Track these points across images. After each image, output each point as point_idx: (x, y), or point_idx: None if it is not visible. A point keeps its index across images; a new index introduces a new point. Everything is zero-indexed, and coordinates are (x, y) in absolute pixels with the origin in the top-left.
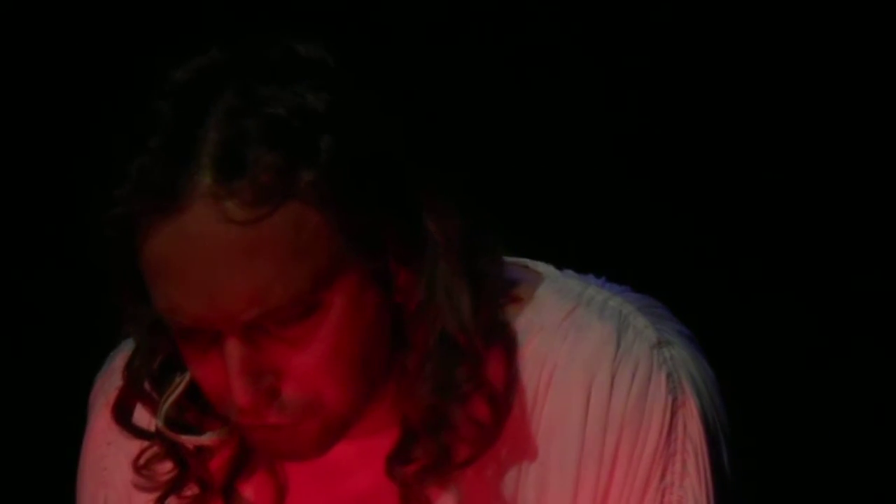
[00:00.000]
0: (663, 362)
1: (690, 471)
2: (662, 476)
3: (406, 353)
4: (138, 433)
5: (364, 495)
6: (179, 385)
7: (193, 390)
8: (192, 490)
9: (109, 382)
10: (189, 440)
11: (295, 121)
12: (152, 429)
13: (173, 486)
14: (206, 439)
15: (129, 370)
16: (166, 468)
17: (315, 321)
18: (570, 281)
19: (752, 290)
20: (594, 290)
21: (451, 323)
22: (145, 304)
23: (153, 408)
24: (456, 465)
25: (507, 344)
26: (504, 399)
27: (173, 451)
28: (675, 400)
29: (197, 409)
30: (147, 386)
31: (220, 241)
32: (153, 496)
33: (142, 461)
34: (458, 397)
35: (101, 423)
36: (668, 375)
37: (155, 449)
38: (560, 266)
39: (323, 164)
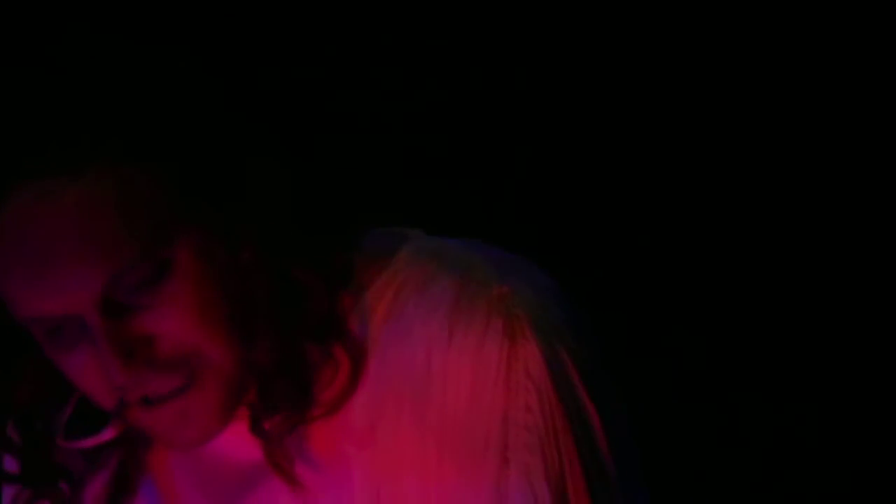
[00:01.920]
0: (502, 309)
1: (535, 411)
2: (505, 417)
3: (254, 304)
4: (7, 478)
5: (246, 478)
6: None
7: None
8: None
9: None
10: (90, 441)
11: (90, 93)
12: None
13: None
14: (106, 434)
15: None
16: None
17: (170, 285)
18: (431, 241)
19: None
20: (451, 247)
21: (287, 263)
22: None
23: (18, 454)
24: (316, 416)
25: (364, 302)
26: (362, 348)
27: (44, 490)
28: (512, 344)
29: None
30: (11, 433)
31: (43, 219)
32: None
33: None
34: (306, 333)
35: None
36: (506, 320)
37: (26, 494)
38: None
39: (129, 128)
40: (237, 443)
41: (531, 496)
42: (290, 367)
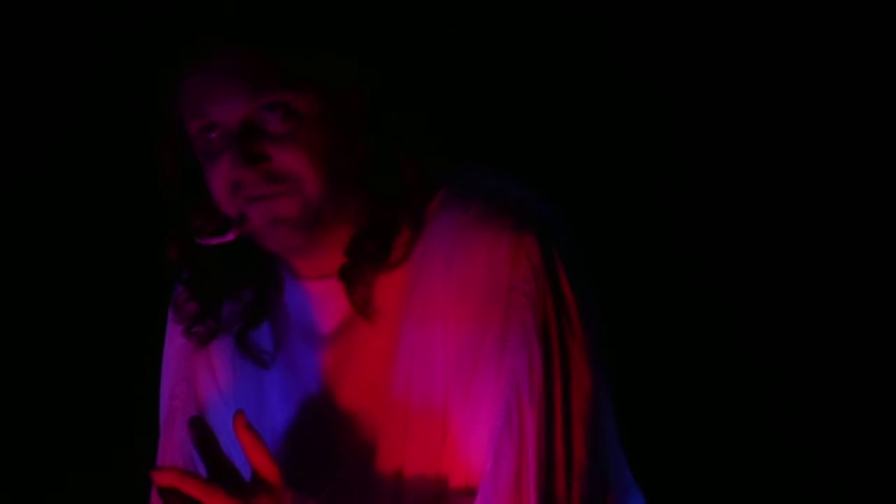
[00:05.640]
0: (515, 213)
1: (531, 283)
2: (510, 285)
3: (363, 180)
4: (179, 279)
5: (335, 331)
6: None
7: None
8: (210, 325)
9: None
10: (217, 239)
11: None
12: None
13: (196, 319)
14: (228, 236)
15: (171, 234)
16: (192, 308)
17: (293, 125)
18: (473, 168)
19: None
20: (486, 172)
21: (395, 153)
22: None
23: (183, 246)
24: (384, 268)
25: (427, 197)
26: (420, 224)
27: (196, 294)
28: (519, 236)
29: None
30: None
31: (233, 65)
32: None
33: (177, 302)
34: (400, 203)
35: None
36: (516, 220)
37: (184, 294)
38: None
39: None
40: (331, 299)
41: (525, 340)
42: (379, 228)
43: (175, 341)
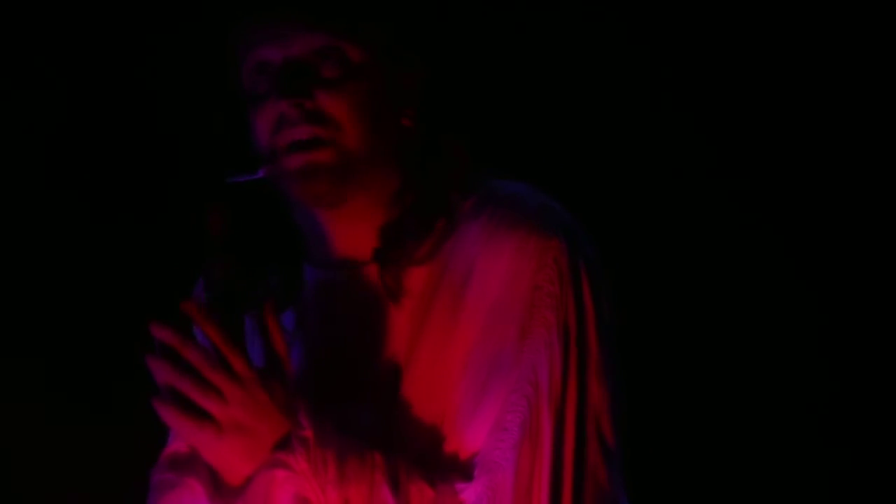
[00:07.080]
0: (544, 216)
1: (556, 284)
2: (534, 284)
3: (411, 161)
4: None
5: (358, 317)
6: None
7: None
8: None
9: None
10: (246, 177)
11: None
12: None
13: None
14: (258, 174)
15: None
16: (220, 276)
17: (342, 73)
18: (506, 179)
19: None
20: (517, 182)
21: (445, 140)
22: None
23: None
24: (417, 259)
25: (464, 198)
26: (455, 218)
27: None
28: (547, 238)
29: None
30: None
31: (290, 14)
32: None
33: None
34: (449, 183)
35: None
36: (545, 223)
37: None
38: None
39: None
40: (358, 288)
41: (547, 339)
42: (427, 204)
43: None
